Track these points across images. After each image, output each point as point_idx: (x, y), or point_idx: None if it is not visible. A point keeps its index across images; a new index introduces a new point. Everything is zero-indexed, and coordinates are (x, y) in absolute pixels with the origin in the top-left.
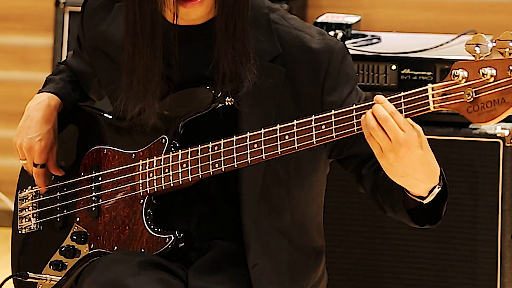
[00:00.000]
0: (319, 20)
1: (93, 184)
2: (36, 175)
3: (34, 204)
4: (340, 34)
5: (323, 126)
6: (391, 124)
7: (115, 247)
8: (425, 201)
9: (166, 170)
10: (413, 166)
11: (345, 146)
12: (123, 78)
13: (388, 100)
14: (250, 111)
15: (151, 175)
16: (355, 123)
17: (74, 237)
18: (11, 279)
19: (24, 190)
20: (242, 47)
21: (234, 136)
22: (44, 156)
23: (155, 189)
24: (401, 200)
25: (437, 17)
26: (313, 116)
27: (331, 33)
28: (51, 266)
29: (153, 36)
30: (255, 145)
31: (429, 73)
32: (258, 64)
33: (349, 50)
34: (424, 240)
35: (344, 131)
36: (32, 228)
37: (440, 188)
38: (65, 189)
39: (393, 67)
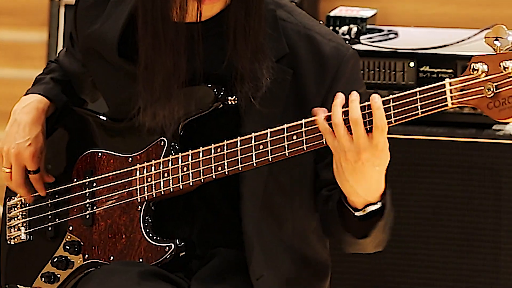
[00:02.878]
0: (332, 14)
1: (87, 190)
2: (33, 181)
3: (24, 213)
4: (354, 28)
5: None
6: (360, 127)
7: (111, 257)
8: (356, 213)
9: (166, 175)
10: (360, 177)
11: (326, 167)
12: (140, 85)
13: (404, 95)
14: (256, 114)
15: (149, 180)
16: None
17: (67, 247)
18: None
19: (13, 197)
20: (257, 43)
21: (238, 137)
22: (36, 161)
23: (154, 195)
24: (335, 202)
25: (458, 11)
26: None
27: (345, 27)
28: (43, 279)
29: (176, 40)
30: (261, 146)
31: (449, 71)
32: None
33: (365, 46)
34: (444, 249)
35: None
36: (22, 238)
37: (376, 207)
38: (56, 196)
39: (411, 64)
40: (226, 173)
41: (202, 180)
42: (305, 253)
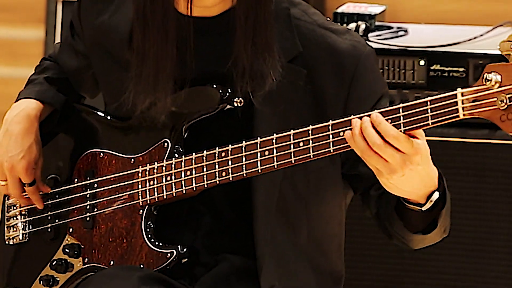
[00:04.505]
0: (339, 10)
1: (88, 192)
2: (29, 193)
3: (23, 212)
4: (362, 26)
5: (342, 133)
6: (386, 150)
7: (112, 262)
8: (423, 208)
9: (168, 178)
10: (412, 182)
11: (360, 161)
12: (132, 68)
13: (414, 104)
14: (266, 116)
15: (151, 182)
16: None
17: (67, 250)
18: None
19: (12, 196)
20: (264, 41)
21: (244, 142)
22: (30, 173)
23: (156, 199)
24: (393, 207)
25: (470, 7)
26: (330, 121)
27: (353, 24)
28: (41, 282)
29: (165, 23)
30: (266, 152)
31: (461, 69)
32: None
33: (373, 43)
34: (457, 254)
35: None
36: (21, 238)
37: (439, 193)
38: (57, 197)
39: (422, 62)
40: (231, 178)
41: (206, 185)
42: (319, 262)
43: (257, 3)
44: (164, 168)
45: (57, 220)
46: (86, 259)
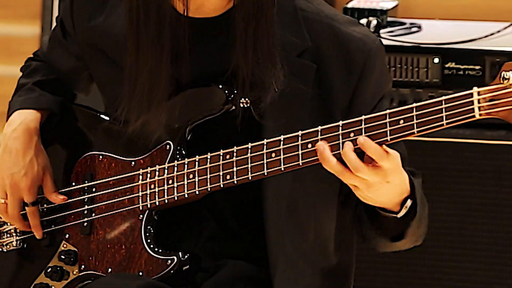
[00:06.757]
0: (349, 5)
1: (86, 196)
2: (30, 215)
3: None
4: (374, 21)
5: (352, 134)
6: (366, 171)
7: (109, 269)
8: (399, 215)
9: (170, 181)
10: (388, 193)
11: None
12: (125, 84)
13: (428, 103)
14: (273, 115)
15: (152, 186)
16: (388, 131)
17: (62, 257)
18: None
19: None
20: (266, 49)
21: (249, 144)
22: (34, 192)
23: (157, 203)
24: (362, 209)
25: (486, 2)
26: (340, 121)
27: (364, 20)
28: None
29: (160, 30)
30: (273, 154)
31: (477, 67)
32: (285, 62)
33: (385, 40)
34: (472, 261)
35: (376, 140)
36: (15, 245)
37: (412, 200)
38: None
39: (436, 60)
40: (235, 182)
41: (209, 189)
42: (324, 264)
43: (258, 6)
44: (166, 171)
45: (52, 226)
46: (83, 267)
